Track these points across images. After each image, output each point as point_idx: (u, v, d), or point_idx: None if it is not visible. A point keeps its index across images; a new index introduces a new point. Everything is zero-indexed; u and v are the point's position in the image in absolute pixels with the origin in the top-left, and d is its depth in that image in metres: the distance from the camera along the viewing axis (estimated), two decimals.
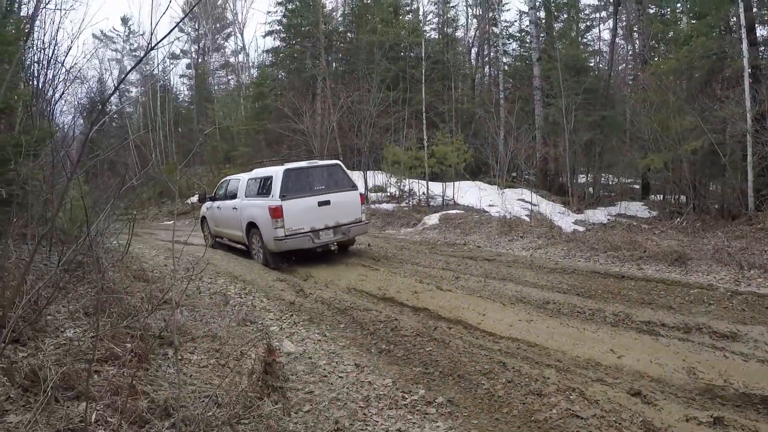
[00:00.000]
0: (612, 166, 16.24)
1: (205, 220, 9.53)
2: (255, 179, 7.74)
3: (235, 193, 8.21)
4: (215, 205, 8.88)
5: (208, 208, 9.30)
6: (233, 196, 8.22)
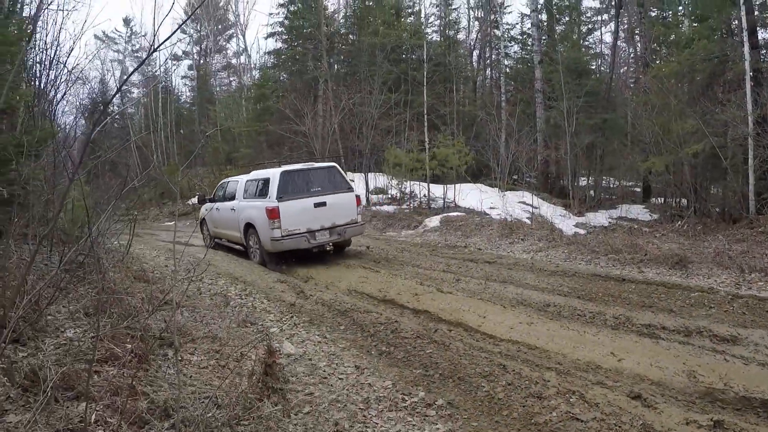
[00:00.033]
0: (613, 169, 16.26)
1: (205, 222, 9.59)
2: (253, 181, 7.83)
3: (233, 194, 8.29)
4: (214, 206, 8.94)
5: (208, 210, 9.36)
6: (231, 198, 8.30)
